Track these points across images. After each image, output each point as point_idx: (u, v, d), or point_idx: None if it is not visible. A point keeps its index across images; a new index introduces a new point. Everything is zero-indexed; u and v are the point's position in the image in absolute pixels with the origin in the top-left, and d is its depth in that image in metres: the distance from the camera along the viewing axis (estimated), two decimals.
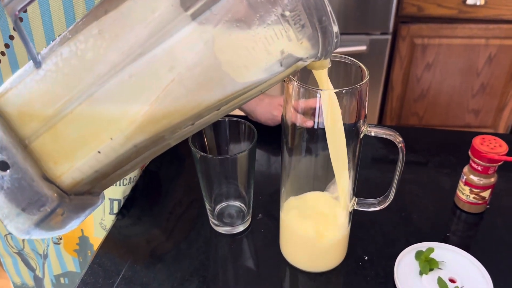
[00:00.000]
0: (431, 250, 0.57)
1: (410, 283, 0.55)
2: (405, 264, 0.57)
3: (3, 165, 0.31)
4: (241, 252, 0.61)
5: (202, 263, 0.59)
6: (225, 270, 0.59)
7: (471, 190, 0.64)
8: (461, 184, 0.65)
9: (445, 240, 0.61)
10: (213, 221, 0.63)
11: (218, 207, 0.63)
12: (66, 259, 0.74)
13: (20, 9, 0.30)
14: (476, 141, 0.61)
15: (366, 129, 0.48)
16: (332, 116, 0.45)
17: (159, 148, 0.36)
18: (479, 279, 0.55)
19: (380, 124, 0.52)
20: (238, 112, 0.85)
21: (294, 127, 0.48)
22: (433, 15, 1.51)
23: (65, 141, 0.33)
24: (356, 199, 0.55)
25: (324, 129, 0.46)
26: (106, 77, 0.32)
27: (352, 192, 0.53)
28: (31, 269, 0.83)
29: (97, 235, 0.70)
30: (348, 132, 0.46)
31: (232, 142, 0.63)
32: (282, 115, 0.49)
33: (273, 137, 0.80)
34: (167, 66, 0.31)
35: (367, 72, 0.46)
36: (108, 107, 0.32)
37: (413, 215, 0.66)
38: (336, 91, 0.43)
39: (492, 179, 0.63)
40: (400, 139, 0.49)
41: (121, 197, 0.68)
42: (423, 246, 0.59)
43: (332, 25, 0.33)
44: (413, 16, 1.52)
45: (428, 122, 1.74)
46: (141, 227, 0.66)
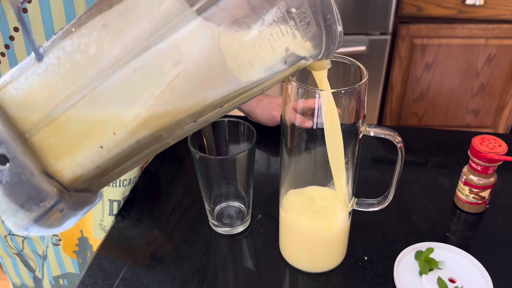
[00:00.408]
0: (430, 250, 0.57)
1: (410, 283, 0.55)
2: (405, 264, 0.57)
3: (3, 158, 0.30)
4: (240, 252, 0.61)
5: (202, 264, 0.59)
6: (225, 270, 0.59)
7: (470, 190, 0.64)
8: (460, 184, 0.65)
9: (445, 240, 0.62)
10: (212, 221, 0.63)
11: (218, 207, 0.63)
12: (65, 260, 0.74)
13: (22, 0, 0.30)
14: (476, 141, 0.61)
15: (365, 129, 0.48)
16: (330, 118, 0.45)
17: (160, 146, 0.36)
18: (479, 279, 0.55)
19: (379, 124, 0.52)
20: (237, 113, 0.85)
21: (293, 127, 0.48)
22: (432, 15, 1.51)
23: (67, 135, 0.32)
24: (355, 199, 0.55)
25: (323, 130, 0.46)
26: (109, 71, 0.31)
27: (351, 192, 0.53)
28: (31, 270, 0.83)
29: (96, 236, 0.70)
30: (347, 132, 0.46)
31: (232, 143, 0.63)
32: (281, 115, 0.49)
33: (272, 138, 0.80)
34: (172, 60, 0.31)
35: (366, 72, 0.46)
36: (112, 101, 0.32)
37: (413, 215, 0.66)
38: (335, 91, 0.43)
39: (492, 179, 0.63)
40: (399, 139, 0.49)
41: (120, 198, 0.68)
42: (422, 246, 0.59)
43: (337, 24, 0.33)
44: (412, 16, 1.53)
45: (427, 122, 1.74)
46: (140, 228, 0.66)
